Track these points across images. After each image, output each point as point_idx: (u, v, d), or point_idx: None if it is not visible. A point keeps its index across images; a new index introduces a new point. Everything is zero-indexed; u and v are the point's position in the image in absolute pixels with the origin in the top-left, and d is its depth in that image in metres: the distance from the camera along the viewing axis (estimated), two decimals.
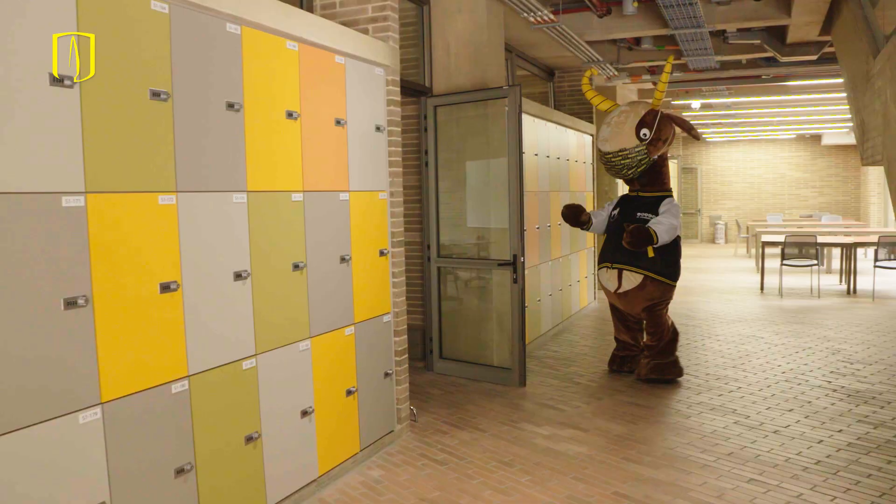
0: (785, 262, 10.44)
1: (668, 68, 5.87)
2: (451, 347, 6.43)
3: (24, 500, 2.33)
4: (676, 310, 9.40)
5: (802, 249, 10.28)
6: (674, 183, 16.34)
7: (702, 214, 21.34)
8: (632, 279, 5.77)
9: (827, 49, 8.30)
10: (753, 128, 17.88)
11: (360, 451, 4.25)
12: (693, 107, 12.64)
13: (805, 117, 15.64)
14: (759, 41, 8.04)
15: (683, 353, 6.85)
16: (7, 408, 2.28)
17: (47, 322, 2.41)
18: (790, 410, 5.05)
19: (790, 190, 20.59)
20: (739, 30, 7.87)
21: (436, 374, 6.35)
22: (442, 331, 6.44)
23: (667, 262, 5.78)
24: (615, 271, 5.86)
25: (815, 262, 10.27)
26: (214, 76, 3.14)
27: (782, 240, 10.48)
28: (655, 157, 5.85)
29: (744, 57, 8.99)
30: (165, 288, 2.88)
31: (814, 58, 8.39)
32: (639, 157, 5.79)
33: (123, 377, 2.69)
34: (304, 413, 3.73)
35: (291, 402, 3.65)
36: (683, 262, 6.03)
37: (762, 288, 11.07)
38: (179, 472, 2.94)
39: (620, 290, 5.85)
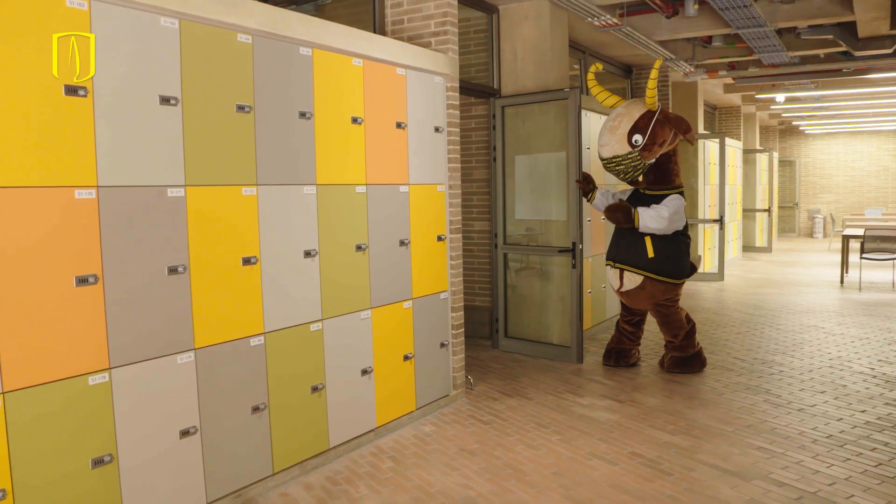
0: (864, 255, 10.42)
1: (656, 65, 5.61)
2: (515, 327, 7.02)
3: (138, 417, 3.11)
4: (747, 300, 9.64)
5: (882, 243, 10.22)
6: (765, 177, 16.17)
7: (800, 208, 20.91)
8: (632, 279, 5.81)
9: None
10: (853, 119, 17.44)
11: (416, 409, 4.91)
12: (778, 100, 12.63)
13: None
14: (831, 36, 8.16)
15: (738, 340, 7.18)
16: (129, 346, 3.07)
17: (156, 284, 3.19)
18: (822, 392, 5.37)
19: (894, 183, 19.87)
20: (810, 26, 8.01)
21: (501, 351, 6.95)
22: (507, 311, 7.03)
23: (668, 261, 5.75)
24: (617, 270, 5.91)
25: (895, 255, 10.19)
26: (289, 91, 3.86)
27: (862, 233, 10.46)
28: (651, 160, 5.72)
29: (820, 51, 9.08)
30: (247, 261, 3.62)
31: (889, 51, 8.42)
32: (633, 164, 5.67)
33: (212, 329, 3.45)
34: (364, 372, 4.42)
35: (353, 362, 4.35)
36: (775, 256, 6.06)
37: (842, 281, 11.06)
38: (255, 409, 3.69)
39: (623, 290, 5.92)
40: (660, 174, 5.85)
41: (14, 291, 2.69)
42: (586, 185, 6.21)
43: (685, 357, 6.03)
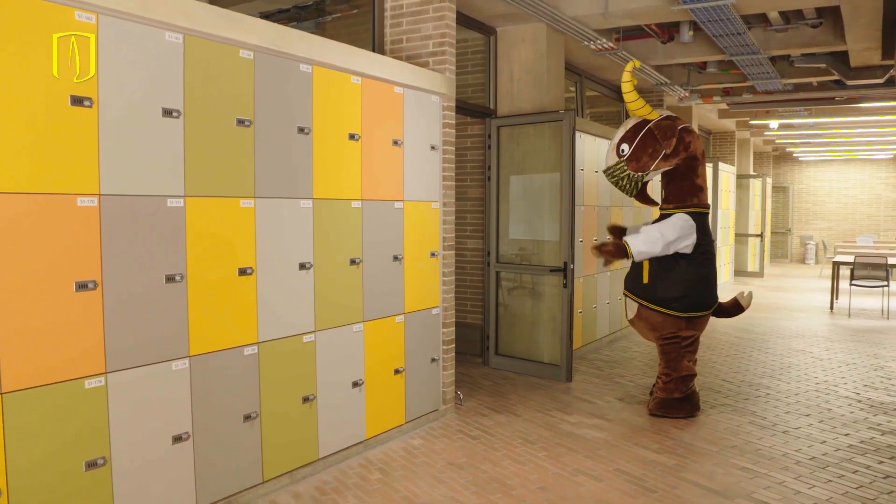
0: (854, 282, 10.53)
1: (627, 68, 5.24)
2: (505, 344, 7.08)
3: (132, 421, 3.17)
4: (736, 324, 9.71)
5: (872, 270, 10.34)
6: (758, 202, 16.35)
7: (792, 234, 21.09)
8: (632, 307, 5.55)
9: (894, 73, 8.48)
10: (846, 147, 17.64)
11: (406, 423, 4.96)
12: (771, 126, 12.80)
13: None
14: (824, 65, 8.30)
15: (726, 363, 7.25)
16: (125, 352, 3.13)
17: (154, 291, 3.26)
18: (807, 415, 5.44)
19: (886, 211, 20.09)
20: (803, 54, 8.16)
21: (491, 368, 7.01)
22: (498, 329, 7.10)
23: (664, 288, 5.31)
24: (625, 298, 5.69)
25: (885, 283, 10.31)
26: (289, 106, 3.95)
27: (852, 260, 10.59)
28: (645, 173, 5.26)
29: (813, 79, 9.23)
30: (243, 272, 3.69)
31: (880, 80, 8.57)
32: (622, 175, 5.30)
33: (206, 338, 3.51)
34: (355, 384, 4.48)
35: (344, 374, 4.40)
36: (766, 281, 5.81)
37: (832, 307, 11.16)
38: (247, 417, 3.74)
39: (630, 318, 5.66)
40: (673, 190, 5.38)
41: (15, 294, 2.76)
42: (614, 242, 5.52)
43: (670, 400, 5.41)
